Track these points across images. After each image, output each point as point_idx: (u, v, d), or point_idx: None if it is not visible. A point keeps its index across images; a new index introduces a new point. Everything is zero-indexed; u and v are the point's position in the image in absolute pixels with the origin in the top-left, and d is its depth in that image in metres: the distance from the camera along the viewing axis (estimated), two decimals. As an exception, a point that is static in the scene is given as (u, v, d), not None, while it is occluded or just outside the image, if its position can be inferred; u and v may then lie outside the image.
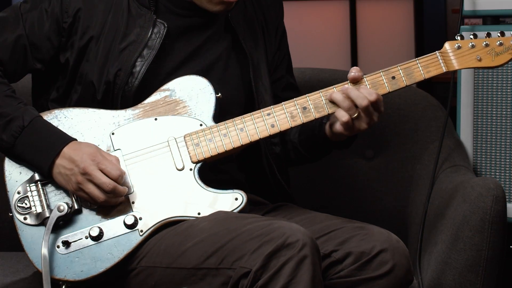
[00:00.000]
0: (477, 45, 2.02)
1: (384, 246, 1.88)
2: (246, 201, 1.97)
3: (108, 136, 2.01)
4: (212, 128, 2.01)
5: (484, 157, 2.45)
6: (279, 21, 2.28)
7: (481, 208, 2.03)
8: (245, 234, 1.83)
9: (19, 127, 1.96)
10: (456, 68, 2.03)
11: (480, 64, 2.03)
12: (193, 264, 1.87)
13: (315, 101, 2.01)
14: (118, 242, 1.95)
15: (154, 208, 1.97)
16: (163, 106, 2.04)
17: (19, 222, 1.97)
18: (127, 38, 2.06)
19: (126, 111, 2.04)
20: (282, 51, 2.28)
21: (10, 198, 1.99)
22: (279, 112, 2.01)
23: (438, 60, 2.02)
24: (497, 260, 2.04)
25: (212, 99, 2.04)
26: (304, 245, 1.78)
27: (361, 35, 4.30)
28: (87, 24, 2.06)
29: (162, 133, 2.02)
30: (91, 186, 1.92)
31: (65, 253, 1.95)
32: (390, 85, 2.02)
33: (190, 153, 2.00)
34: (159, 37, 2.05)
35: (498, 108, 2.42)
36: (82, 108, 2.04)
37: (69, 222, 1.96)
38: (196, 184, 1.98)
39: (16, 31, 2.06)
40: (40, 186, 1.98)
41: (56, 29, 2.06)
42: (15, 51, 2.06)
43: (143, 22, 2.06)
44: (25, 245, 1.96)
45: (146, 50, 2.04)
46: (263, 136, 2.01)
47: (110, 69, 2.04)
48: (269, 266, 1.78)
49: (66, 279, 1.94)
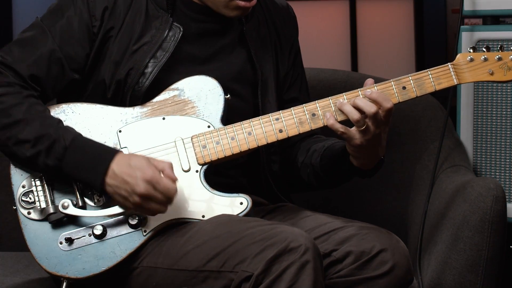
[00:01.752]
0: (490, 59, 1.99)
1: (384, 246, 1.88)
2: (251, 205, 1.96)
3: (115, 133, 2.00)
4: (220, 130, 2.00)
5: (484, 157, 2.45)
6: (293, 39, 2.26)
7: (481, 208, 2.03)
8: (247, 238, 1.83)
9: (63, 149, 1.91)
10: (467, 81, 2.00)
11: (491, 78, 2.00)
12: (194, 266, 1.87)
13: (324, 108, 1.98)
14: (121, 241, 1.95)
15: None
16: (172, 105, 2.03)
17: (23, 217, 1.96)
18: (142, 38, 2.04)
19: (134, 109, 2.02)
20: (296, 70, 2.25)
21: (15, 191, 1.97)
22: (287, 117, 1.99)
23: (450, 72, 1.99)
24: (497, 260, 2.04)
25: (221, 101, 2.02)
26: (306, 250, 1.78)
27: (361, 35, 4.30)
28: (110, 24, 2.04)
29: (170, 133, 2.01)
30: (152, 204, 1.89)
31: (67, 250, 1.94)
32: (401, 95, 1.98)
33: (197, 154, 1.99)
34: (174, 40, 2.04)
35: (498, 108, 2.42)
36: (90, 104, 2.02)
37: (73, 219, 1.95)
38: (202, 186, 1.98)
39: (47, 46, 2.01)
40: (45, 181, 1.97)
41: (88, 36, 2.03)
42: (51, 66, 2.01)
43: (159, 24, 2.05)
44: (28, 240, 1.95)
45: (159, 52, 2.03)
46: (270, 141, 1.99)
47: (123, 68, 2.02)
48: (271, 271, 1.78)
49: (68, 276, 1.93)
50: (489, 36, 2.41)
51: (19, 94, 1.96)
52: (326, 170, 2.09)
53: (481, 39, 2.41)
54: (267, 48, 2.18)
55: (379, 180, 2.52)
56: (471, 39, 2.42)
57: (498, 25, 2.47)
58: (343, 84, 2.48)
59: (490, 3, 2.42)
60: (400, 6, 4.25)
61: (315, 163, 2.11)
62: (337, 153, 2.05)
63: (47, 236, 1.95)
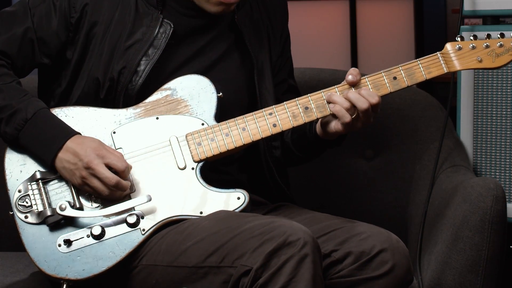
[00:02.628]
0: (478, 46, 2.03)
1: (384, 246, 1.88)
2: (248, 200, 1.97)
3: (110, 135, 2.01)
4: (214, 127, 2.01)
5: (484, 157, 2.45)
6: (284, 25, 2.28)
7: (481, 208, 2.03)
8: (246, 233, 1.83)
9: (22, 120, 1.96)
10: (457, 69, 2.04)
11: (480, 65, 2.04)
12: (194, 263, 1.87)
13: (317, 101, 2.02)
14: (120, 241, 1.95)
15: (156, 207, 1.97)
16: (165, 105, 2.04)
17: (20, 221, 1.97)
18: (133, 36, 2.06)
19: (128, 110, 2.04)
20: (285, 54, 2.28)
21: (11, 196, 1.98)
22: (281, 111, 2.02)
23: (439, 60, 2.03)
24: (497, 260, 2.04)
25: (213, 99, 2.03)
26: (305, 244, 1.78)
27: (361, 35, 4.29)
28: (93, 19, 2.06)
29: (164, 132, 2.02)
30: (95, 180, 1.92)
31: (66, 252, 1.94)
32: (392, 85, 2.02)
33: (192, 152, 2.00)
34: (165, 37, 2.05)
35: (498, 108, 2.42)
36: (83, 107, 2.04)
37: (71, 220, 1.96)
38: (198, 183, 1.98)
39: (24, 25, 2.05)
40: (41, 185, 1.97)
41: (64, 24, 2.06)
42: (23, 46, 2.05)
43: (150, 21, 2.06)
44: (26, 244, 1.96)
45: (151, 49, 2.04)
46: (265, 136, 2.01)
47: (115, 66, 2.04)
48: (270, 265, 1.78)
49: (68, 278, 1.93)
50: (489, 36, 2.41)
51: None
52: (295, 144, 2.17)
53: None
54: (261, 34, 2.19)
55: (379, 180, 2.52)
56: (471, 39, 2.42)
57: (498, 25, 2.47)
58: (343, 84, 2.48)
59: (490, 3, 2.41)
60: (400, 6, 4.24)
61: (287, 140, 2.19)
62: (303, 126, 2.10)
63: (45, 239, 1.95)
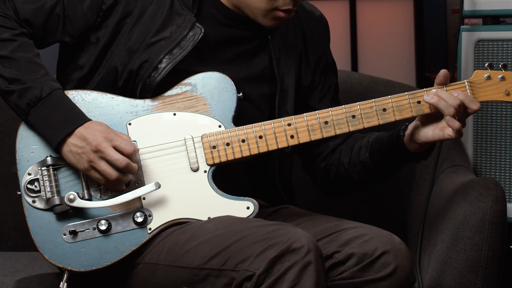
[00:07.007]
0: (507, 78, 1.98)
1: (386, 248, 1.88)
2: (257, 210, 1.96)
3: (125, 125, 1.99)
4: (231, 131, 1.98)
5: (484, 157, 2.45)
6: (323, 51, 2.23)
7: (481, 208, 2.03)
8: (250, 237, 1.83)
9: (36, 98, 1.93)
10: (482, 100, 1.99)
11: (507, 99, 1.99)
12: (196, 264, 1.87)
13: (337, 116, 1.99)
14: (126, 238, 1.94)
15: (164, 207, 1.96)
16: (183, 101, 2.01)
17: (27, 204, 1.95)
18: (161, 33, 2.03)
19: (145, 101, 2.00)
20: (326, 84, 2.23)
21: (20, 178, 1.95)
22: (300, 123, 1.98)
23: (465, 89, 1.99)
24: (497, 260, 2.04)
25: (234, 100, 2.00)
26: (309, 251, 1.78)
27: (361, 35, 4.29)
28: (127, 10, 2.03)
29: (180, 130, 1.99)
30: (103, 163, 1.90)
31: (71, 242, 1.93)
32: (415, 110, 1.98)
33: (206, 155, 1.98)
34: (193, 40, 2.01)
35: (498, 108, 2.42)
36: (100, 93, 2.01)
37: (78, 211, 1.94)
38: (209, 187, 1.97)
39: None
40: (52, 171, 1.95)
41: (95, 9, 2.03)
42: (49, 19, 2.03)
43: (181, 21, 2.03)
44: (31, 228, 1.94)
45: (176, 49, 2.01)
46: (281, 147, 1.98)
47: (137, 60, 2.01)
48: (273, 271, 1.77)
49: (70, 268, 1.93)
50: (489, 36, 2.41)
51: (13, 30, 1.99)
52: (378, 162, 2.09)
53: (481, 39, 2.41)
54: (292, 58, 2.15)
55: (379, 180, 2.52)
56: (471, 39, 2.42)
57: (498, 25, 2.47)
58: (343, 84, 2.48)
59: (490, 3, 2.41)
60: (400, 6, 4.24)
61: (364, 159, 2.11)
62: (387, 142, 2.05)
63: (51, 227, 1.94)
